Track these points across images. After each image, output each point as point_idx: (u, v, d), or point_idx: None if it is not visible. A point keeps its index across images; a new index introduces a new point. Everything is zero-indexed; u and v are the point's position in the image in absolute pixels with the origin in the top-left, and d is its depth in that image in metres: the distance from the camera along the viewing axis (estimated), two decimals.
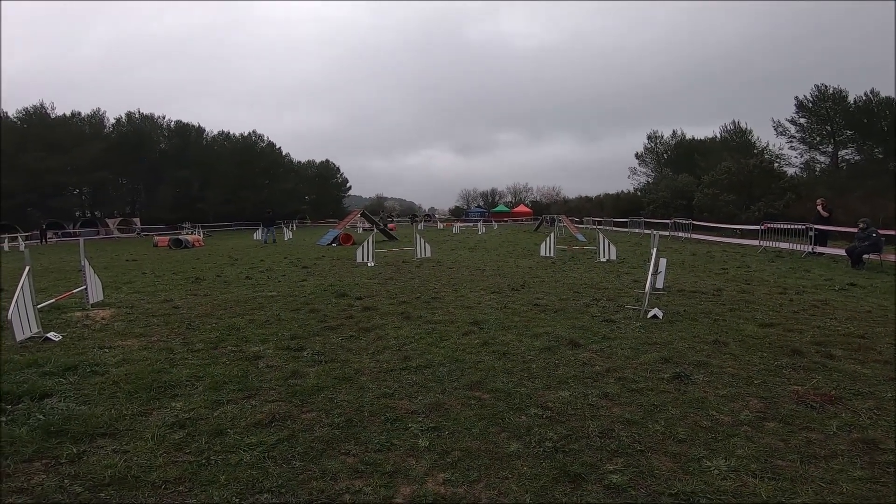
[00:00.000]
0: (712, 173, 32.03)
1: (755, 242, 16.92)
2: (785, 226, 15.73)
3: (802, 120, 38.61)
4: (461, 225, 41.69)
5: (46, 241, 33.02)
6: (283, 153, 64.33)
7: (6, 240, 28.43)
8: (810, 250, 13.86)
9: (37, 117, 45.92)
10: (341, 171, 72.71)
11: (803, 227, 14.62)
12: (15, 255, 20.72)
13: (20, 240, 29.21)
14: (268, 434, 2.97)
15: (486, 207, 72.71)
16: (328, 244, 20.04)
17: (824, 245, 14.18)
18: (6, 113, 45.77)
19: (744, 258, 13.56)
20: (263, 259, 14.83)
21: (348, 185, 73.99)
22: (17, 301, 4.99)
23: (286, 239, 26.95)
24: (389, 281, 9.38)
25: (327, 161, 71.79)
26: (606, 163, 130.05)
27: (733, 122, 45.85)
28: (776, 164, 34.83)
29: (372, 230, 22.23)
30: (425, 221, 52.80)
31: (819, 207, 15.04)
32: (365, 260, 12.43)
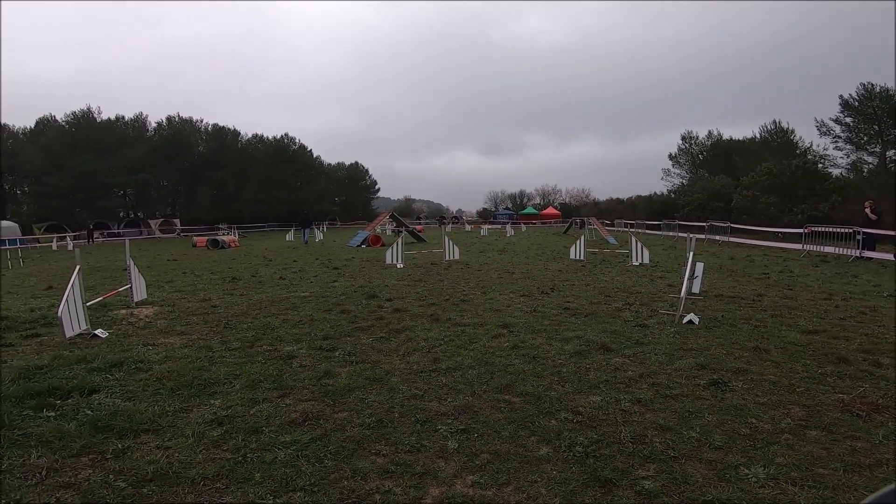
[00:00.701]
0: (752, 174, 30.98)
1: (798, 246, 16.25)
2: (830, 229, 15.05)
3: (848, 119, 36.82)
4: (489, 227, 41.59)
5: (93, 241, 34.63)
6: (314, 155, 65.52)
7: (55, 239, 29.99)
8: (857, 254, 13.21)
9: (84, 121, 48.14)
10: (370, 173, 73.67)
11: (850, 230, 13.96)
12: (64, 253, 21.83)
13: (68, 239, 30.67)
14: (301, 433, 3.04)
15: (514, 209, 72.25)
16: (358, 245, 20.34)
17: (872, 249, 13.50)
18: (53, 116, 48.29)
19: (786, 263, 13.04)
20: (296, 260, 15.17)
21: (377, 186, 74.90)
22: (67, 299, 5.26)
23: (317, 240, 27.47)
24: (418, 283, 9.44)
25: (356, 163, 72.86)
26: (637, 164, 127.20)
27: (774, 122, 44.22)
28: (821, 165, 33.40)
29: (400, 232, 22.42)
30: (453, 223, 52.85)
31: (867, 210, 14.33)
32: (394, 262, 12.56)
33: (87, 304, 5.87)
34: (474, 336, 5.31)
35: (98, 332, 5.54)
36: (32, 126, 48.73)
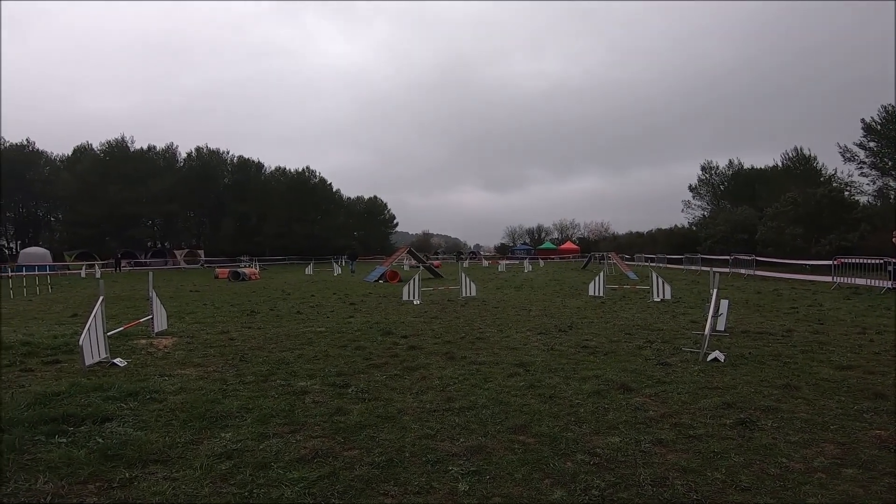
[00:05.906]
0: (776, 205, 30.41)
1: (828, 279, 15.75)
2: (861, 260, 14.58)
3: (872, 143, 35.84)
4: (507, 262, 41.41)
5: (120, 270, 35.43)
6: (334, 189, 66.23)
7: (84, 267, 30.80)
8: (890, 286, 12.71)
9: (118, 150, 49.77)
10: (388, 208, 74.09)
11: (881, 261, 13.49)
12: (92, 281, 22.42)
13: (96, 268, 31.37)
14: (309, 470, 2.97)
15: (532, 244, 71.90)
16: (375, 281, 20.37)
17: None
18: (90, 144, 50.15)
19: (815, 296, 12.61)
20: (314, 294, 15.28)
21: (395, 221, 75.21)
22: (88, 327, 5.37)
23: (335, 274, 27.66)
24: (434, 320, 9.37)
25: (375, 197, 73.36)
26: (655, 196, 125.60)
27: (795, 149, 43.47)
28: (847, 193, 32.57)
29: (418, 268, 22.46)
30: (470, 259, 52.73)
31: (895, 240, 13.87)
32: (411, 298, 12.52)
33: (109, 333, 5.97)
34: (489, 375, 5.20)
35: (117, 360, 5.61)
36: (69, 154, 50.53)
